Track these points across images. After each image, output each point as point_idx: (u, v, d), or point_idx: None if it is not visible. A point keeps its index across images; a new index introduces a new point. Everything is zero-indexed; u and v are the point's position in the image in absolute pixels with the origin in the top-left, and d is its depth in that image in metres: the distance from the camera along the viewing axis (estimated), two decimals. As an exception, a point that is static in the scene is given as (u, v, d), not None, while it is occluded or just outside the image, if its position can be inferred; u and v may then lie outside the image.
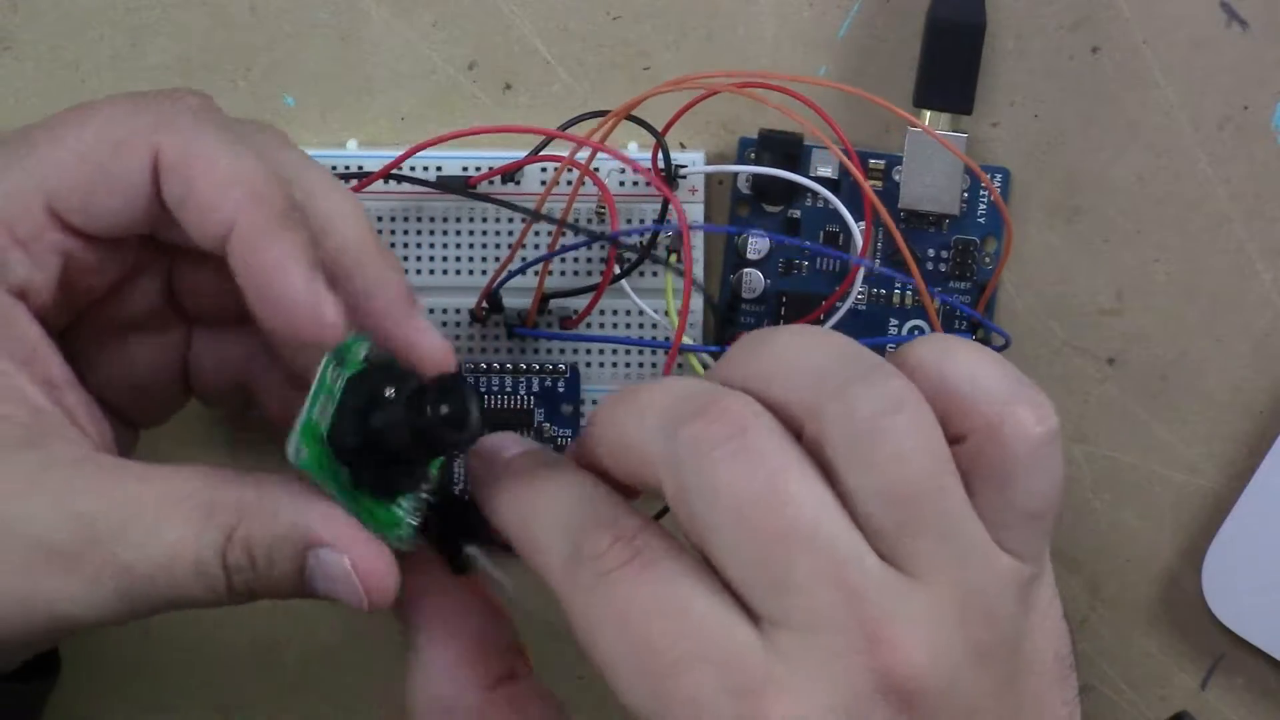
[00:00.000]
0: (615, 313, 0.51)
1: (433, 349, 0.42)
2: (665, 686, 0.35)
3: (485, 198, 0.49)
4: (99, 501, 0.39)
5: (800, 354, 0.37)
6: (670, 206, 0.50)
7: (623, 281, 0.50)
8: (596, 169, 0.49)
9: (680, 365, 0.51)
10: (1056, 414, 0.37)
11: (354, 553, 0.39)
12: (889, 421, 0.35)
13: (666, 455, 0.36)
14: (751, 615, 0.36)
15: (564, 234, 0.50)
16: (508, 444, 0.42)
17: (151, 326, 0.46)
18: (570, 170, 0.49)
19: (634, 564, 0.36)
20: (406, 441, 0.40)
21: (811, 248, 0.51)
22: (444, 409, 0.39)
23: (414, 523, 0.42)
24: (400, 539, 0.41)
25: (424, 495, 0.42)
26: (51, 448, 0.40)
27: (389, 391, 0.41)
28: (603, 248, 0.50)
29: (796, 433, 0.36)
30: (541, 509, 0.39)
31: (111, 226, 0.42)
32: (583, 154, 0.49)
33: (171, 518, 0.39)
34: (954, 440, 0.37)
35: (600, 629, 0.36)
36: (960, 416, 0.37)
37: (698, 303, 0.51)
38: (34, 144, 0.42)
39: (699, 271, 0.51)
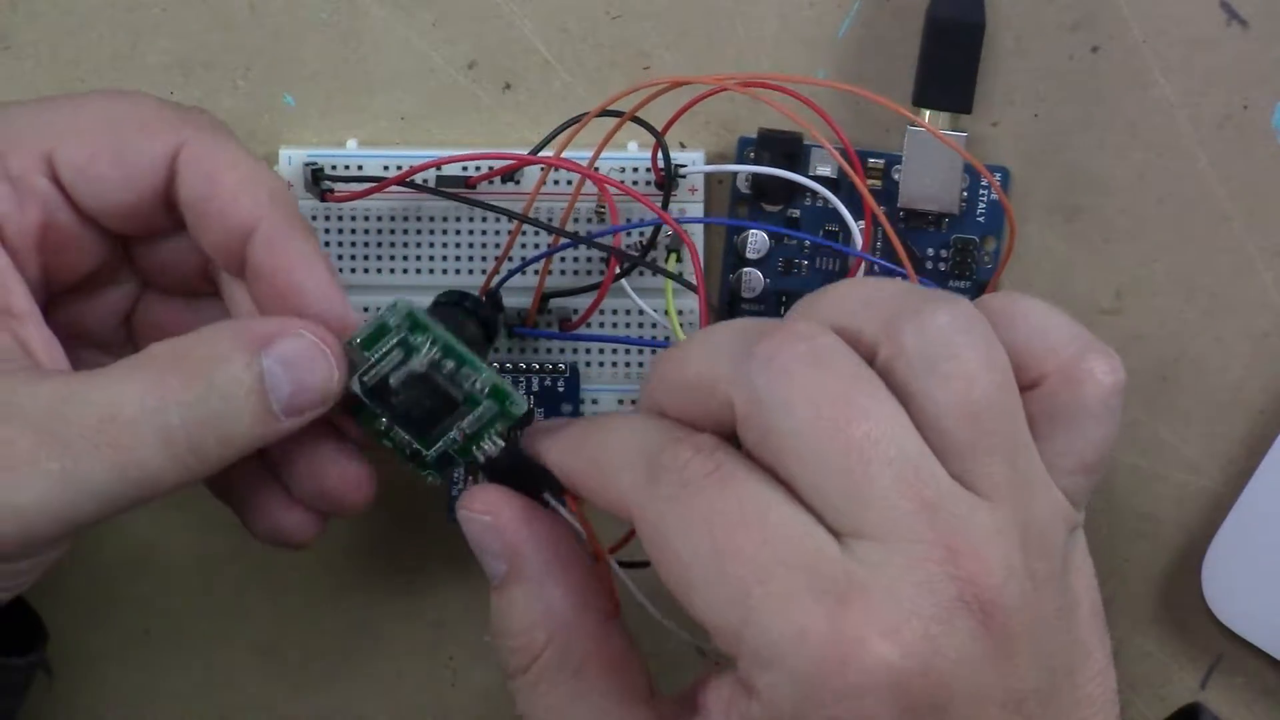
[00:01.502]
0: (615, 312, 0.51)
1: (320, 296, 0.42)
2: (752, 593, 0.35)
3: (482, 204, 0.49)
4: (33, 395, 0.39)
5: (872, 288, 0.38)
6: (669, 205, 0.50)
7: (623, 281, 0.50)
8: (596, 168, 0.49)
9: (680, 364, 0.51)
10: (1123, 370, 0.39)
11: (307, 328, 0.40)
12: (962, 339, 0.36)
13: (739, 374, 0.36)
14: (829, 528, 0.36)
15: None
16: (556, 423, 0.43)
17: (106, 351, 0.46)
18: (567, 170, 0.49)
19: (716, 474, 0.36)
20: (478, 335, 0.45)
21: (810, 239, 0.51)
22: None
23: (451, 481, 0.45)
24: (484, 453, 0.43)
25: (494, 441, 0.43)
26: None
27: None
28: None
29: (869, 359, 0.37)
30: (614, 443, 0.39)
31: (102, 201, 0.43)
32: (583, 155, 0.49)
33: (112, 384, 0.39)
34: (1026, 386, 0.38)
35: (683, 538, 0.36)
36: (1035, 362, 0.38)
37: (696, 302, 0.51)
38: (60, 101, 0.43)
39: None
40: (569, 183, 0.50)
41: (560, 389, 0.51)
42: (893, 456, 0.35)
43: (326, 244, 0.51)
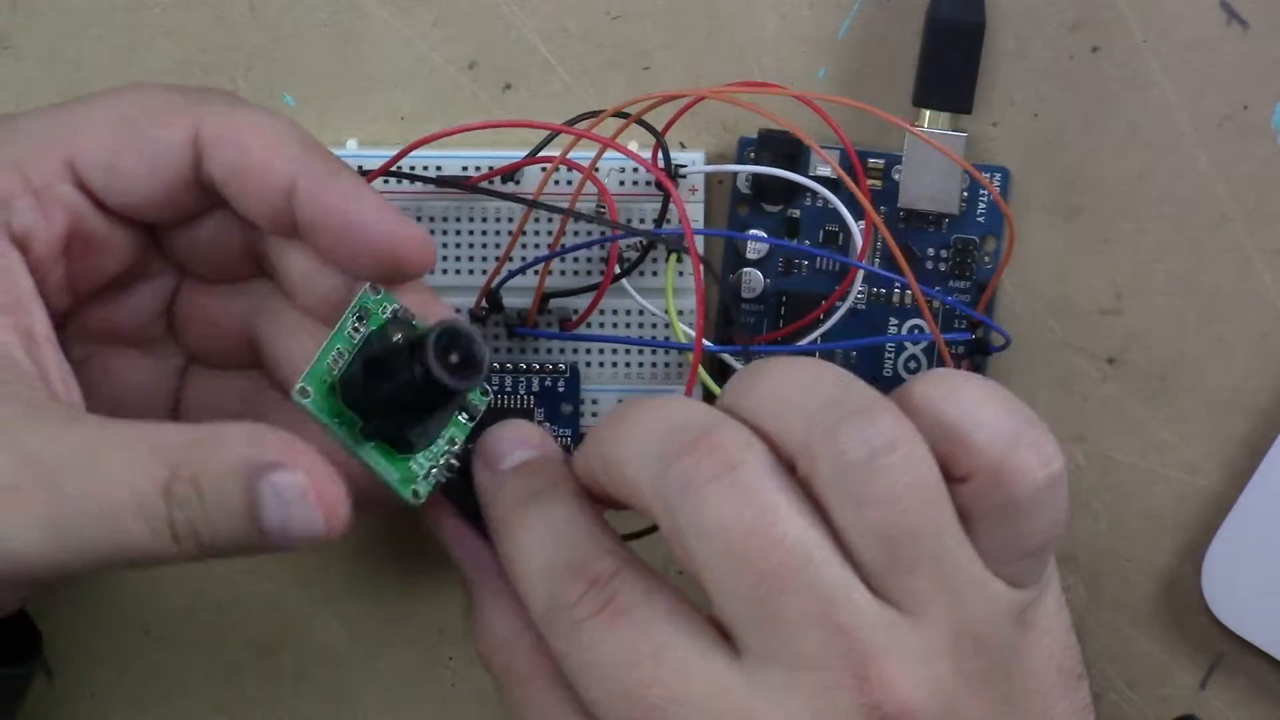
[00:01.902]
0: (615, 312, 0.51)
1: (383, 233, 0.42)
2: None
3: (495, 193, 0.49)
4: (48, 441, 0.38)
5: (795, 388, 0.37)
6: (671, 206, 0.50)
7: (623, 281, 0.50)
8: (596, 169, 0.49)
9: (680, 366, 0.51)
10: (1060, 455, 0.37)
11: (308, 469, 0.37)
12: (881, 462, 0.35)
13: (658, 489, 0.36)
14: (737, 650, 0.36)
15: (565, 234, 0.50)
16: (506, 448, 0.42)
17: (147, 349, 0.46)
18: (566, 170, 0.49)
19: (605, 613, 0.37)
20: (414, 390, 0.40)
21: (809, 250, 0.51)
22: (452, 357, 0.40)
23: (429, 481, 0.43)
24: (415, 494, 0.43)
25: (449, 460, 0.43)
26: (14, 391, 0.39)
27: (396, 337, 0.42)
28: (603, 247, 0.50)
29: (790, 467, 0.37)
30: (525, 547, 0.39)
31: (130, 198, 0.42)
32: (580, 154, 0.49)
33: (116, 455, 0.37)
34: (957, 480, 0.37)
35: (580, 676, 0.37)
36: (963, 457, 0.37)
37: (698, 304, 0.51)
38: (69, 106, 0.43)
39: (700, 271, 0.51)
40: (569, 183, 0.50)
41: (560, 389, 0.51)
42: (805, 582, 0.35)
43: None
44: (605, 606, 0.37)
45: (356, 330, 0.42)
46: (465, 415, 0.44)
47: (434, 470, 0.43)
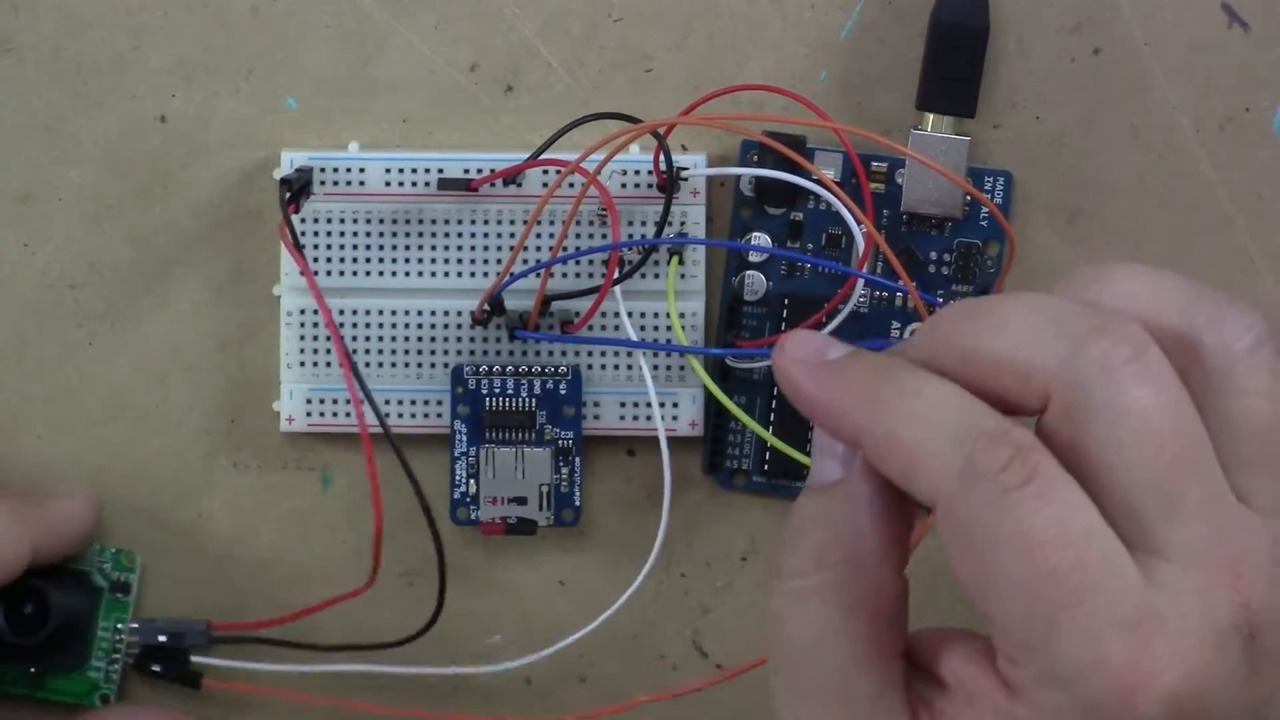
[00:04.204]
0: (617, 315, 0.51)
1: None
2: (1059, 615, 0.34)
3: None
4: None
5: (1167, 282, 0.37)
6: (671, 208, 0.50)
7: (623, 284, 0.50)
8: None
9: (682, 368, 0.51)
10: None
11: None
12: (1262, 352, 0.36)
13: (1068, 371, 0.35)
14: (1129, 543, 0.35)
15: (567, 238, 0.50)
16: (822, 343, 0.39)
17: None
18: (557, 169, 0.49)
19: (1035, 484, 0.35)
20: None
21: (809, 260, 0.51)
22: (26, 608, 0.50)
23: (113, 681, 0.52)
24: (105, 698, 0.52)
25: (126, 640, 0.52)
26: None
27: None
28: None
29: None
30: (920, 415, 0.36)
31: None
32: (587, 158, 0.49)
33: None
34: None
35: (995, 548, 0.35)
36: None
37: (699, 304, 0.51)
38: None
39: (701, 274, 0.51)
40: (571, 185, 0.50)
41: (562, 391, 0.51)
42: (1204, 474, 0.35)
43: (327, 245, 0.51)
44: (1033, 478, 0.35)
45: None
46: (119, 594, 0.52)
47: (114, 661, 0.52)
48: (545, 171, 0.50)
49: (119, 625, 0.52)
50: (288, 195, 0.49)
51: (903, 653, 0.38)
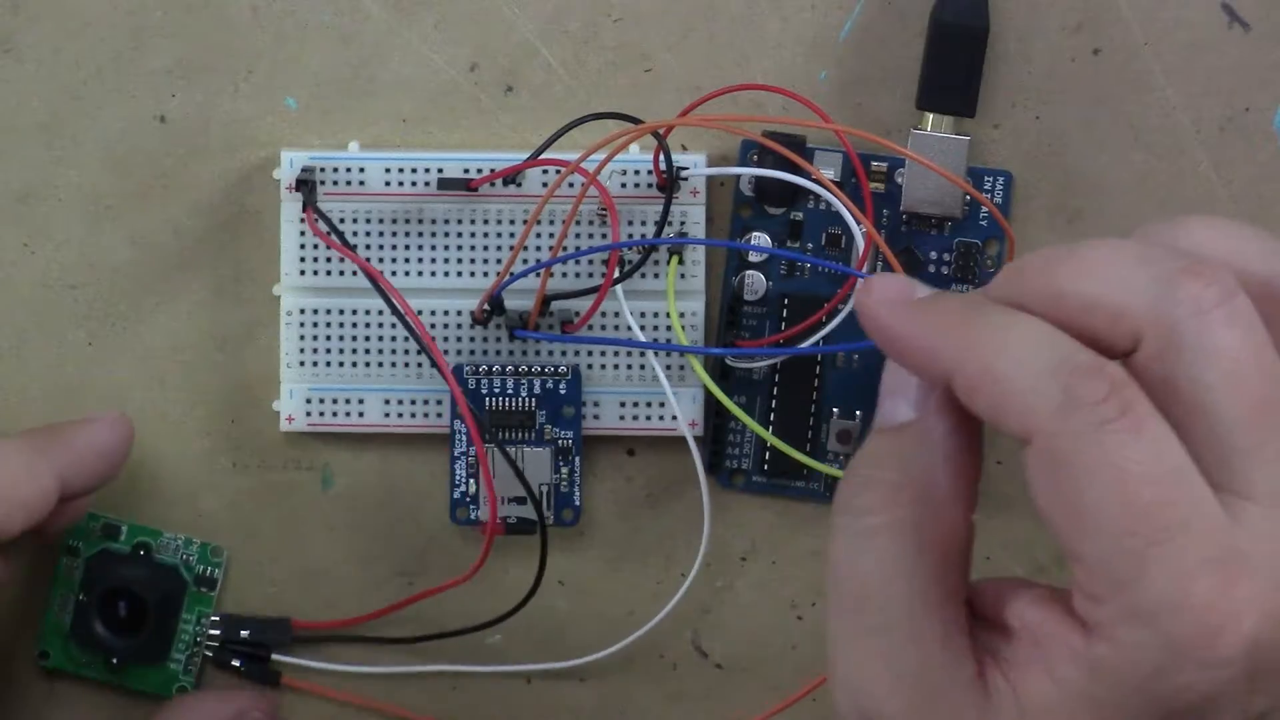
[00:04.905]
0: (617, 314, 0.51)
1: None
2: (1149, 551, 0.34)
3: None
4: None
5: (1245, 232, 0.38)
6: (670, 208, 0.50)
7: (624, 284, 0.50)
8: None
9: (682, 368, 0.51)
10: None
11: None
12: None
13: (1160, 313, 0.35)
14: (1212, 483, 0.35)
15: (567, 238, 0.50)
16: (907, 284, 0.39)
17: None
18: (557, 169, 0.49)
19: (1130, 418, 0.35)
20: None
21: (809, 260, 0.51)
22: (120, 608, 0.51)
23: (192, 672, 0.52)
24: (183, 690, 0.52)
25: (208, 633, 0.52)
26: None
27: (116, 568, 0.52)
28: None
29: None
30: (1015, 350, 0.36)
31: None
32: (574, 156, 0.49)
33: None
34: None
35: (1089, 480, 0.35)
36: None
37: (699, 304, 0.51)
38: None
39: (701, 274, 0.51)
40: (570, 185, 0.50)
41: (562, 391, 0.51)
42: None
43: (327, 244, 0.51)
44: (1128, 411, 0.35)
45: (73, 565, 0.52)
46: (204, 588, 0.52)
47: (194, 654, 0.52)
48: (545, 171, 0.50)
49: (201, 619, 0.52)
50: (308, 192, 0.50)
51: (965, 600, 0.38)
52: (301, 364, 0.52)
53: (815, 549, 0.53)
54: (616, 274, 0.50)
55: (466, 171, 0.51)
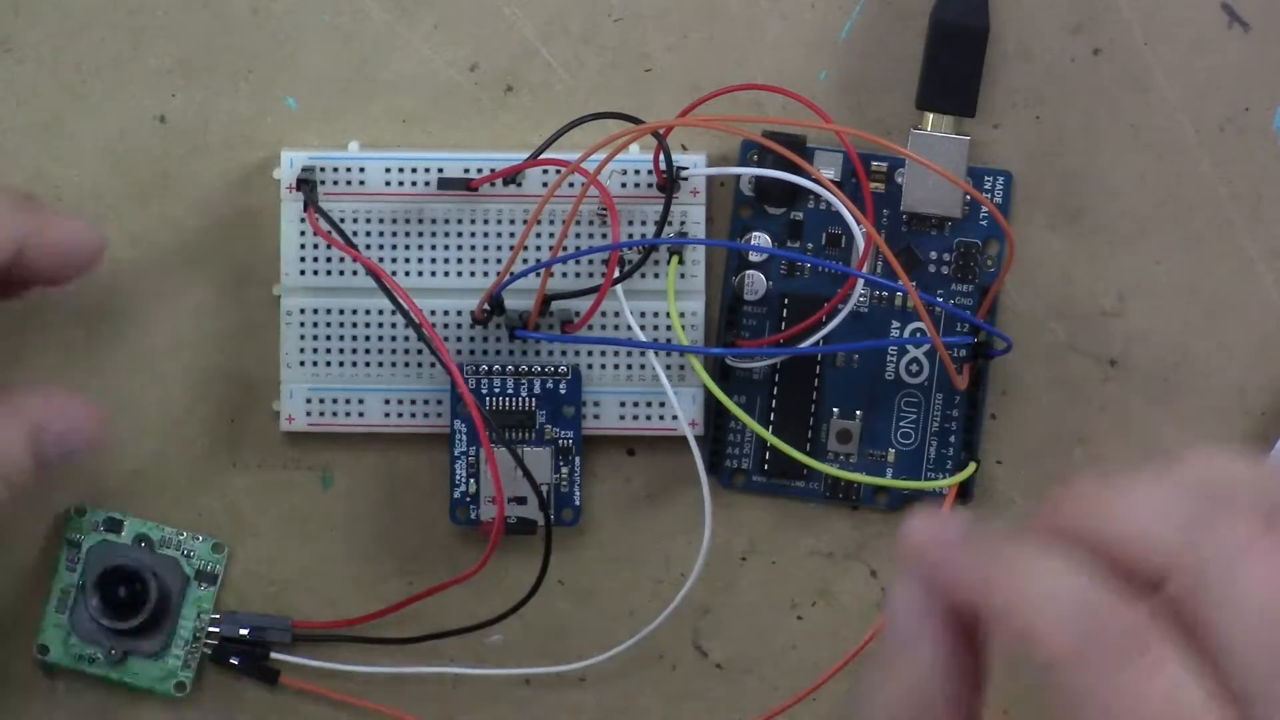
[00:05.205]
0: (617, 314, 0.51)
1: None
2: None
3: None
4: None
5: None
6: (671, 208, 0.50)
7: (618, 288, 0.50)
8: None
9: (682, 368, 0.51)
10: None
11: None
12: None
13: (1187, 551, 0.36)
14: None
15: (567, 238, 0.50)
16: (947, 520, 0.41)
17: None
18: (557, 169, 0.49)
19: (1149, 657, 0.36)
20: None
21: (809, 260, 0.51)
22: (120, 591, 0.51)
23: (191, 669, 0.52)
24: (181, 685, 0.52)
25: (206, 629, 0.52)
26: None
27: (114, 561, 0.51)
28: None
29: None
30: (1041, 583, 0.38)
31: None
32: (574, 156, 0.49)
33: None
34: None
35: (1105, 716, 0.36)
36: None
37: (699, 304, 0.51)
38: None
39: (701, 274, 0.51)
40: (571, 185, 0.50)
41: (562, 391, 0.51)
42: None
43: (327, 244, 0.51)
44: (1147, 651, 0.36)
45: (75, 558, 0.52)
46: (204, 584, 0.52)
47: (193, 651, 0.52)
48: (545, 171, 0.50)
49: (201, 615, 0.52)
50: (310, 191, 0.50)
51: None
52: (302, 364, 0.52)
53: (815, 549, 0.53)
54: (616, 274, 0.50)
55: (466, 171, 0.51)
